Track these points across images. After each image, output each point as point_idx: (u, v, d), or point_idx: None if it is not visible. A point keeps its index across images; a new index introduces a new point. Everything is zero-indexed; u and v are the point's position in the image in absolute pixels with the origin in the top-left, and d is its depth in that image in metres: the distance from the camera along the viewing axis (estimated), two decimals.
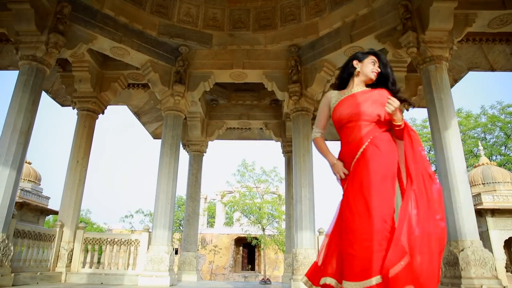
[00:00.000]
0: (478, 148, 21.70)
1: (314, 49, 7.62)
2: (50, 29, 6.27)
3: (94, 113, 8.24)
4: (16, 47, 6.16)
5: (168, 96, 7.71)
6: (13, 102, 5.80)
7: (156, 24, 7.69)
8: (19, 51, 6.13)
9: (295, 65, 7.64)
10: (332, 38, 7.32)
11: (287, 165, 10.87)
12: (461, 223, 4.88)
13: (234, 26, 8.06)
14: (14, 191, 5.42)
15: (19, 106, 5.77)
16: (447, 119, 5.53)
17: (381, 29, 6.64)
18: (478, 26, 6.24)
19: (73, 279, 6.77)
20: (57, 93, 9.82)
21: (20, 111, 5.75)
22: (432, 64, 5.89)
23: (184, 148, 10.91)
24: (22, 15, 5.99)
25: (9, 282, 5.09)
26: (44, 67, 6.21)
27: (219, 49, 7.95)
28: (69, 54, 6.99)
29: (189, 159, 10.90)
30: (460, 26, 6.00)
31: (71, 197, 7.39)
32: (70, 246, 7.00)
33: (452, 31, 5.93)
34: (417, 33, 6.03)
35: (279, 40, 7.86)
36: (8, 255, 5.12)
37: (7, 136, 5.56)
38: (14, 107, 5.75)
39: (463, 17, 5.99)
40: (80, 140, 7.86)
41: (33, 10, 5.97)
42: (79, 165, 7.67)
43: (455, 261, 4.77)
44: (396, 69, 7.69)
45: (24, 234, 5.94)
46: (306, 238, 6.68)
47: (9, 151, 5.48)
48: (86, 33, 6.80)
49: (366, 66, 2.42)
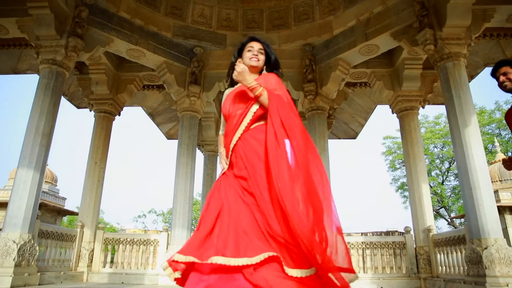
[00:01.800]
0: (494, 145, 21.38)
1: (328, 48, 7.61)
2: (69, 33, 6.39)
3: (111, 115, 8.36)
4: (37, 51, 6.29)
5: (183, 97, 7.78)
6: (35, 105, 5.93)
7: (170, 25, 7.77)
8: (40, 55, 6.26)
9: (310, 64, 7.65)
10: (347, 36, 7.30)
11: None
12: (483, 221, 4.84)
13: (247, 26, 8.10)
14: (38, 192, 5.54)
15: (40, 109, 5.89)
16: (467, 117, 5.49)
17: (396, 27, 6.61)
18: (496, 21, 6.18)
19: (95, 279, 6.89)
20: (73, 96, 9.97)
21: (42, 114, 5.87)
22: (450, 61, 5.85)
23: (198, 149, 10.98)
24: (42, 20, 6.11)
25: (35, 281, 5.22)
26: (63, 70, 6.33)
27: (233, 49, 7.95)
28: (87, 57, 7.11)
29: (204, 159, 10.97)
30: (478, 22, 5.95)
31: (91, 198, 7.51)
32: (90, 246, 7.12)
33: (470, 27, 5.88)
34: (434, 30, 6.00)
35: (293, 39, 7.87)
36: (34, 254, 5.25)
37: (30, 138, 5.68)
38: (36, 110, 5.87)
39: (481, 12, 5.93)
40: (97, 141, 7.98)
41: (53, 15, 6.09)
42: (98, 166, 7.79)
43: (478, 259, 4.74)
44: (412, 66, 7.66)
45: (47, 234, 6.07)
46: None
47: (32, 154, 5.60)
48: (103, 36, 6.90)
49: (245, 56, 2.25)
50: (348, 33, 7.29)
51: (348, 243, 7.13)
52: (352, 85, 8.87)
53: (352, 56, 7.34)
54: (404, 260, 7.00)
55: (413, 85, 7.77)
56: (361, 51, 7.20)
